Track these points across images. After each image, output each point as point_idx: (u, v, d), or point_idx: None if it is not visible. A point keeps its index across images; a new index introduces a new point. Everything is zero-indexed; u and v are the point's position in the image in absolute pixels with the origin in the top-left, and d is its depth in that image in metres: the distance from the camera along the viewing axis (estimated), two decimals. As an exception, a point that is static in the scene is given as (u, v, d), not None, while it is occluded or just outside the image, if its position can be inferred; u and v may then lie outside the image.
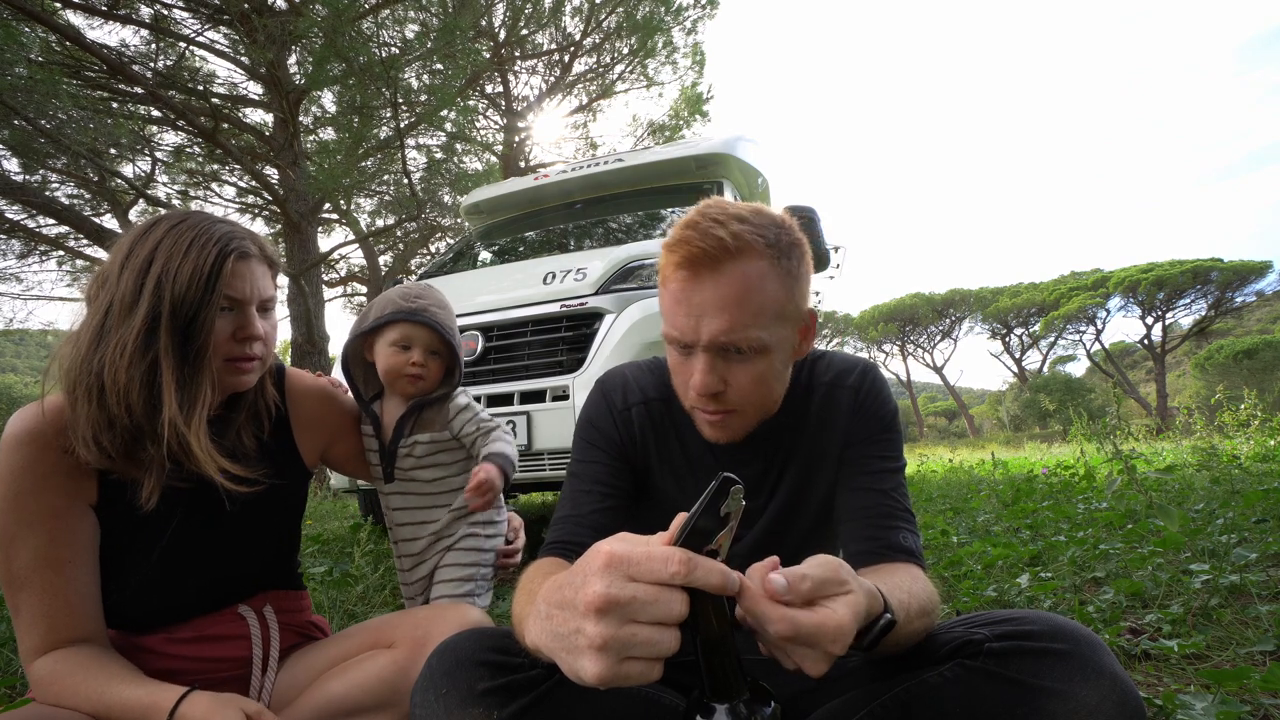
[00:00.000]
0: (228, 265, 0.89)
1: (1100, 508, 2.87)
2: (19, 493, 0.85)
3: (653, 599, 0.46)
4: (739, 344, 0.80)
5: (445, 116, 7.98)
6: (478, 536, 1.30)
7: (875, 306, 40.26)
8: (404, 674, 0.91)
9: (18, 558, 0.86)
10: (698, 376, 0.81)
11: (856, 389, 0.97)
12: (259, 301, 0.95)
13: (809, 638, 0.52)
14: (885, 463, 0.93)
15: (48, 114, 6.17)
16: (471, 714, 0.64)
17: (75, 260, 9.04)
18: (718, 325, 0.79)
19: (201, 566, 0.98)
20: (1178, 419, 7.31)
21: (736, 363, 0.82)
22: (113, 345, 0.84)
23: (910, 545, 0.86)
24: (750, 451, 0.96)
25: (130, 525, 0.92)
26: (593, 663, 0.47)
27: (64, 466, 0.87)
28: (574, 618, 0.48)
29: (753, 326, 0.79)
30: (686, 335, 0.81)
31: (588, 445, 0.99)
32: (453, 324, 1.31)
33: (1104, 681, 0.61)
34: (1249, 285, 28.08)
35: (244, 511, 0.99)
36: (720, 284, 0.78)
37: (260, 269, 0.96)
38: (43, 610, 0.86)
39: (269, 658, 1.01)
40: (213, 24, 7.47)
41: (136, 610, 0.95)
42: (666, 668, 0.88)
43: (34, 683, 0.87)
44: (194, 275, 0.86)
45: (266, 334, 0.97)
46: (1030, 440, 19.60)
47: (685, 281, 0.80)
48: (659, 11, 9.74)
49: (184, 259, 0.87)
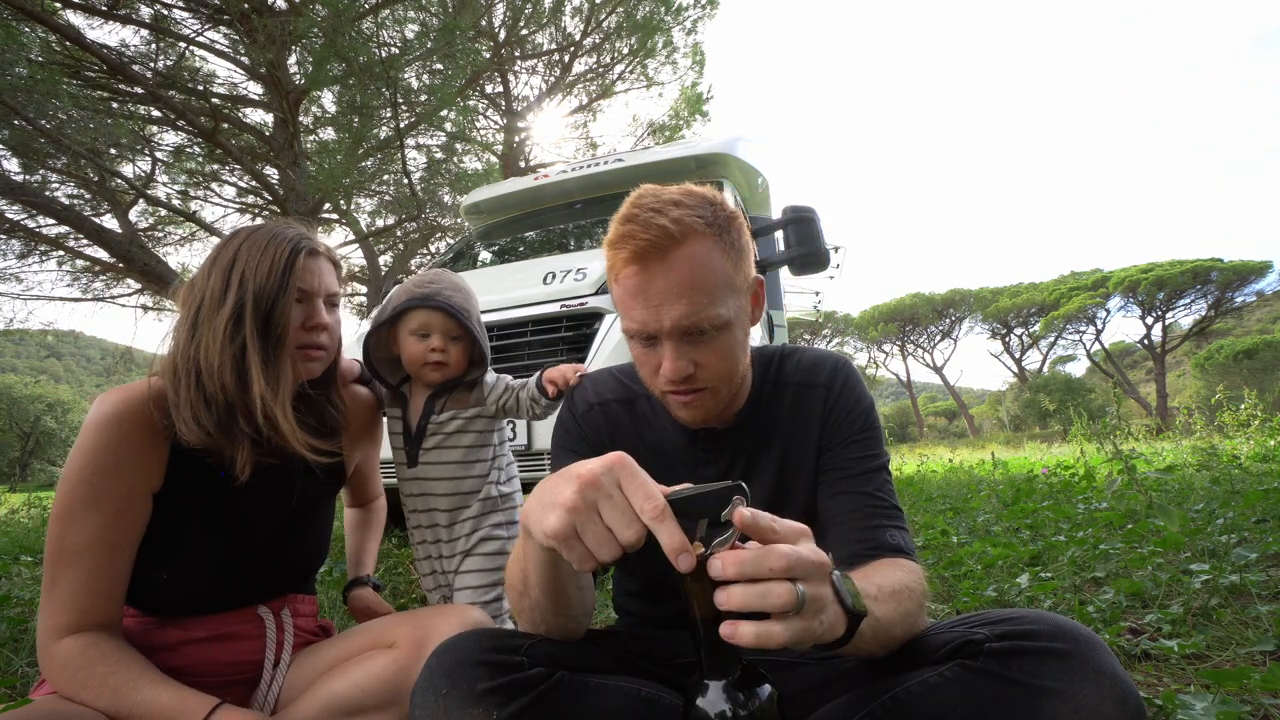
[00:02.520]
0: (299, 260, 1.00)
1: (1100, 508, 2.87)
2: (96, 470, 0.88)
3: (620, 510, 0.54)
4: (701, 325, 0.82)
5: (445, 116, 7.98)
6: (500, 539, 1.28)
7: (875, 306, 40.25)
8: (405, 674, 0.92)
9: (75, 533, 0.88)
10: (667, 363, 0.83)
11: (828, 388, 0.96)
12: (325, 295, 1.05)
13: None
14: (866, 462, 0.92)
15: (48, 114, 6.16)
16: (471, 714, 0.64)
17: (75, 260, 9.02)
18: (678, 311, 0.80)
19: (237, 558, 1.01)
20: (1178, 419, 7.31)
21: (701, 343, 0.84)
22: (206, 334, 0.95)
23: (899, 542, 0.85)
24: (715, 449, 0.97)
25: (182, 512, 0.96)
26: (557, 519, 0.55)
27: (144, 450, 0.92)
28: (565, 482, 0.56)
29: (710, 306, 0.81)
30: (649, 326, 0.82)
31: (558, 449, 1.04)
32: (469, 306, 1.30)
33: (1104, 682, 0.61)
34: (1249, 285, 28.11)
35: (297, 507, 1.06)
36: (672, 271, 0.80)
37: (327, 266, 1.06)
38: (84, 589, 0.87)
39: (280, 660, 1.02)
40: (213, 24, 7.46)
41: (168, 597, 0.97)
42: (666, 668, 0.88)
43: (53, 663, 0.86)
44: (271, 269, 0.98)
45: (331, 326, 1.06)
46: (1030, 440, 19.60)
47: (637, 275, 0.81)
48: (659, 11, 9.73)
49: (263, 255, 0.98)
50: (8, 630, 1.70)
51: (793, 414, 0.95)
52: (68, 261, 9.09)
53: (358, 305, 13.59)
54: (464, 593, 1.25)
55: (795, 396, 0.96)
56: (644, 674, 0.82)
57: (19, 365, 53.85)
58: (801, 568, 0.52)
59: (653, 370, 0.87)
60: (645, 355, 0.87)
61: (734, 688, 0.54)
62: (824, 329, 38.33)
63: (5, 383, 34.87)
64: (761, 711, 0.53)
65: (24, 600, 2.00)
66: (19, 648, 1.63)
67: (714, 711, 0.53)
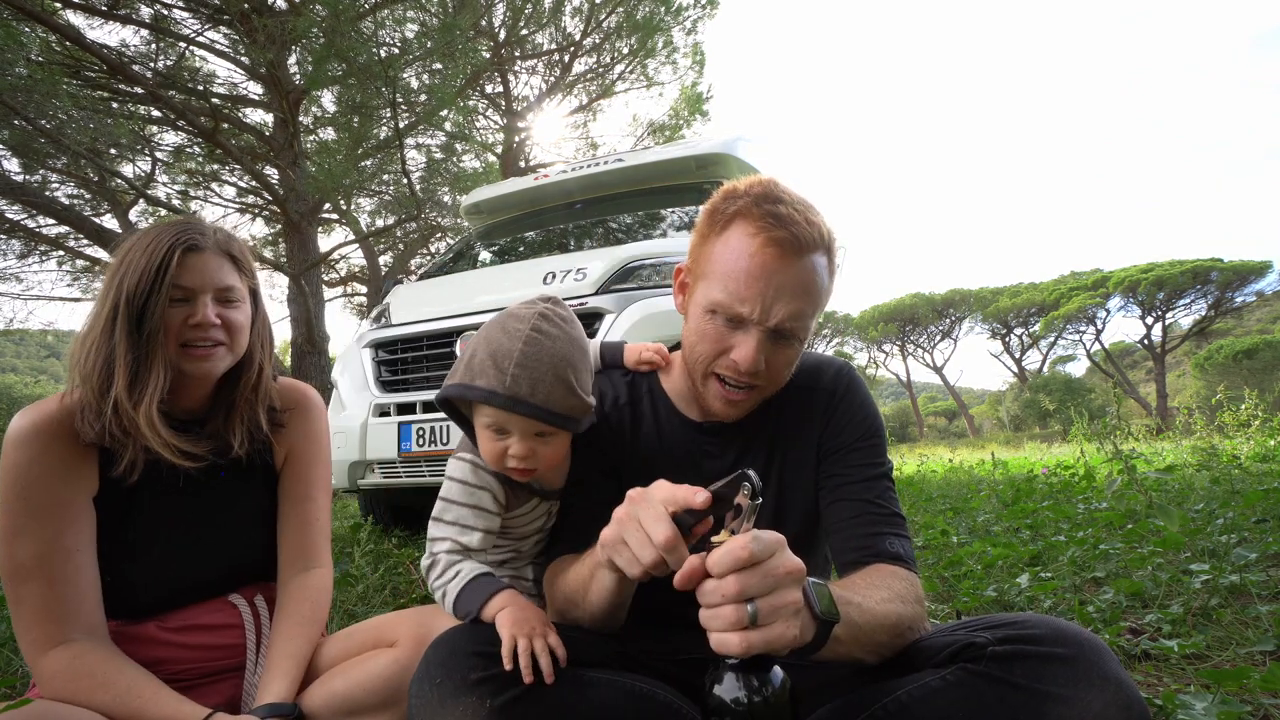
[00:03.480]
0: (175, 257, 0.96)
1: (1100, 508, 2.87)
2: (28, 484, 0.90)
3: (635, 532, 0.64)
4: (796, 330, 0.83)
5: (445, 116, 7.98)
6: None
7: (875, 306, 40.22)
8: (406, 672, 0.91)
9: (24, 549, 0.88)
10: (747, 353, 0.83)
11: (830, 392, 0.96)
12: (215, 290, 1.00)
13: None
14: (869, 469, 0.92)
15: (48, 114, 6.15)
16: (465, 703, 0.65)
17: (75, 260, 9.02)
18: (789, 310, 0.81)
19: (193, 551, 1.02)
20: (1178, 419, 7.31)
21: (781, 347, 0.85)
22: (89, 337, 0.96)
23: (898, 551, 0.85)
24: (719, 444, 0.97)
25: (126, 513, 0.97)
26: (610, 527, 0.67)
27: (69, 458, 0.93)
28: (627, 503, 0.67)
29: (809, 316, 0.84)
30: (754, 311, 0.82)
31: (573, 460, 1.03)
32: (566, 391, 0.88)
33: (1109, 687, 0.61)
34: (1249, 285, 28.09)
35: (229, 497, 1.06)
36: (801, 271, 0.81)
37: (216, 261, 1.01)
38: (50, 599, 0.88)
39: (261, 644, 1.03)
40: (213, 24, 7.46)
41: (132, 598, 0.97)
42: (667, 667, 0.88)
43: (44, 678, 0.87)
44: (145, 268, 0.95)
45: (231, 322, 1.01)
46: (1030, 440, 19.59)
47: (773, 260, 0.81)
48: (659, 11, 9.72)
49: (140, 255, 0.97)
50: (7, 630, 1.69)
51: (793, 416, 0.96)
52: (68, 261, 9.09)
53: (358, 305, 13.61)
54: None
55: (797, 399, 0.96)
56: (638, 669, 0.82)
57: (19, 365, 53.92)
58: (756, 588, 0.56)
59: (716, 351, 0.86)
60: (718, 334, 0.86)
61: (747, 674, 0.57)
62: (824, 329, 38.35)
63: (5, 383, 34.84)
64: (775, 696, 0.57)
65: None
66: (19, 648, 1.63)
67: (729, 697, 0.57)
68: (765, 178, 0.88)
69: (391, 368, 3.02)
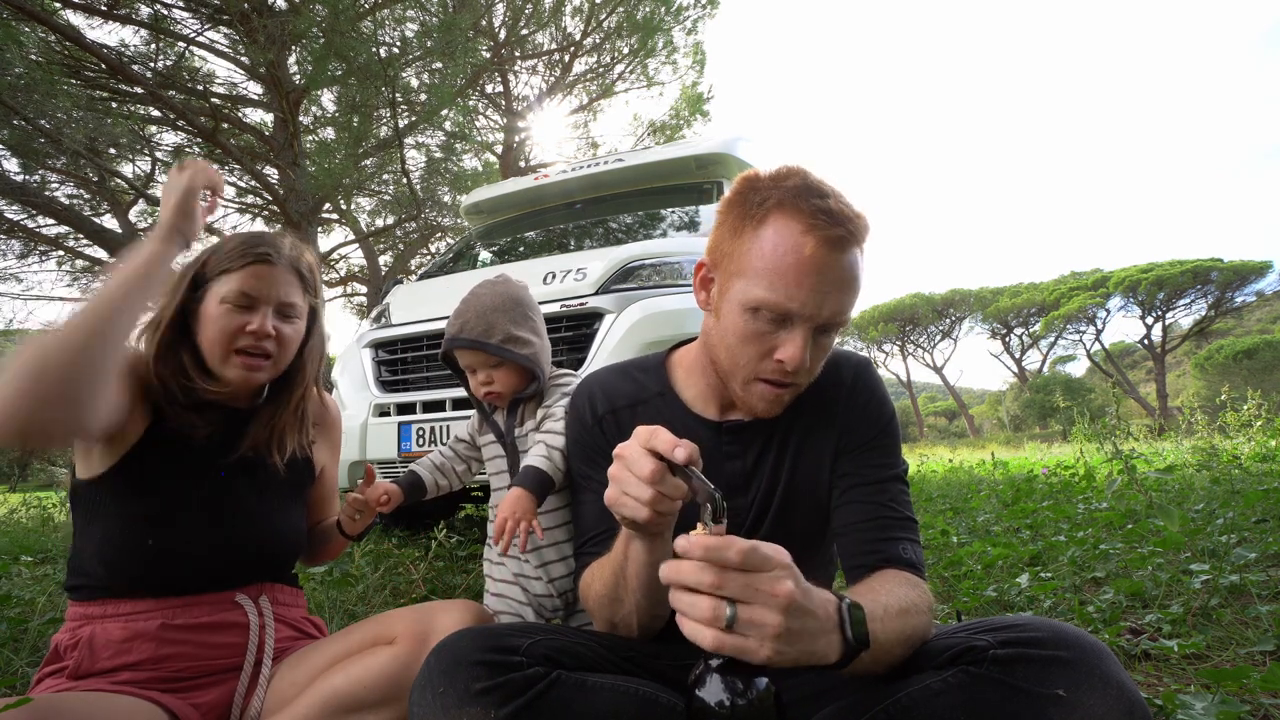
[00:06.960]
0: (249, 265, 1.02)
1: (1100, 508, 2.87)
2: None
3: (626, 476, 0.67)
4: (840, 323, 0.83)
5: (445, 116, 7.98)
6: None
7: (875, 306, 40.21)
8: (406, 669, 0.91)
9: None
10: (796, 351, 0.81)
11: (851, 388, 0.95)
12: (277, 304, 1.05)
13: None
14: (883, 470, 0.91)
15: (47, 114, 6.15)
16: (469, 713, 0.64)
17: (75, 260, 9.03)
18: (837, 305, 0.81)
19: (222, 535, 1.03)
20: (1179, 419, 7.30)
21: (822, 341, 0.85)
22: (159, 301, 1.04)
23: (910, 557, 0.84)
24: (740, 444, 0.96)
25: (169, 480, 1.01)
26: (610, 487, 0.69)
27: (133, 384, 0.99)
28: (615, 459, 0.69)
29: (851, 309, 0.83)
30: (804, 308, 0.80)
31: (578, 462, 1.04)
32: (495, 328, 1.25)
33: (1111, 690, 0.61)
34: (1249, 285, 28.09)
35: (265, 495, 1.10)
36: (846, 266, 0.81)
37: (285, 276, 1.06)
38: None
39: (264, 644, 1.03)
40: (212, 24, 7.45)
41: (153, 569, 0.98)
42: (666, 668, 0.88)
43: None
44: (222, 263, 1.03)
45: (283, 336, 1.06)
46: (1030, 440, 19.58)
47: (825, 257, 0.79)
48: (659, 11, 9.73)
49: (226, 254, 1.04)
50: (8, 630, 1.69)
51: (812, 412, 0.94)
52: (68, 261, 9.10)
53: (358, 305, 13.61)
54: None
55: (816, 395, 0.93)
56: (642, 673, 0.82)
57: (19, 365, 53.84)
58: (736, 592, 0.54)
59: (762, 352, 0.84)
60: (761, 335, 0.83)
61: (732, 678, 0.57)
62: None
63: (5, 383, 34.66)
64: (758, 700, 0.56)
65: (24, 600, 1.99)
66: (19, 648, 1.62)
67: (713, 700, 0.56)
68: (793, 166, 0.85)
69: (391, 368, 3.02)
